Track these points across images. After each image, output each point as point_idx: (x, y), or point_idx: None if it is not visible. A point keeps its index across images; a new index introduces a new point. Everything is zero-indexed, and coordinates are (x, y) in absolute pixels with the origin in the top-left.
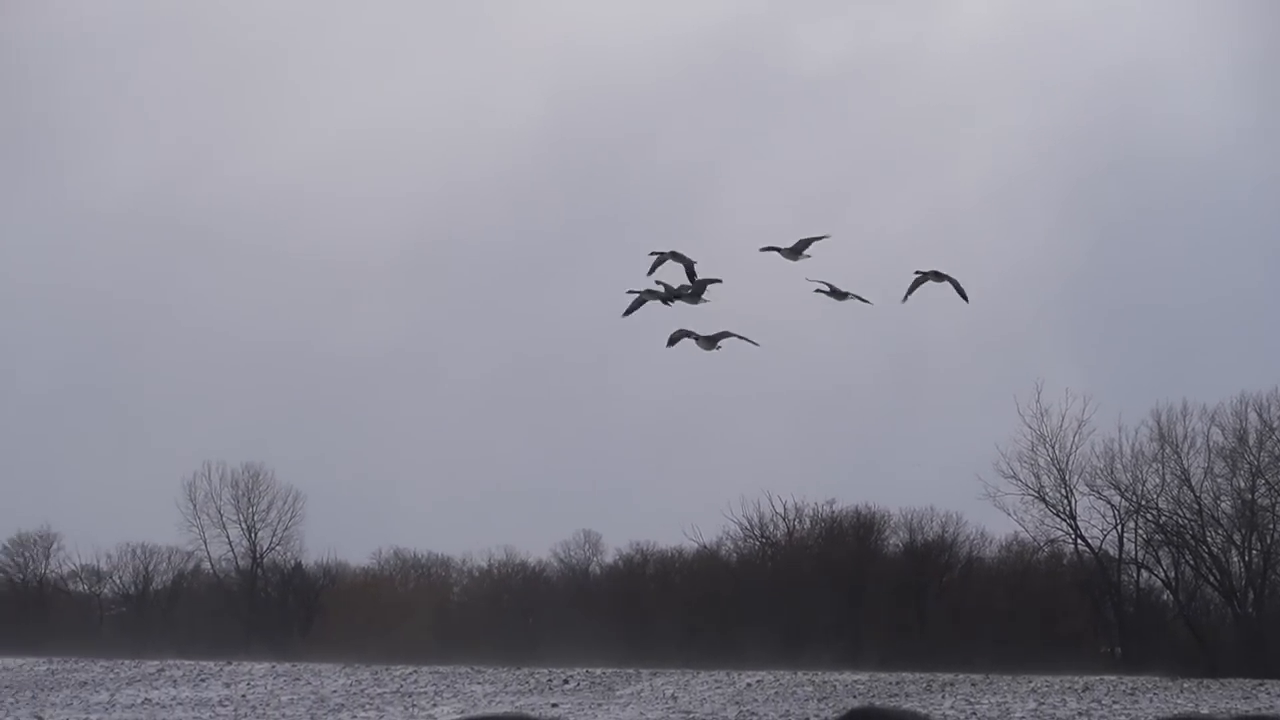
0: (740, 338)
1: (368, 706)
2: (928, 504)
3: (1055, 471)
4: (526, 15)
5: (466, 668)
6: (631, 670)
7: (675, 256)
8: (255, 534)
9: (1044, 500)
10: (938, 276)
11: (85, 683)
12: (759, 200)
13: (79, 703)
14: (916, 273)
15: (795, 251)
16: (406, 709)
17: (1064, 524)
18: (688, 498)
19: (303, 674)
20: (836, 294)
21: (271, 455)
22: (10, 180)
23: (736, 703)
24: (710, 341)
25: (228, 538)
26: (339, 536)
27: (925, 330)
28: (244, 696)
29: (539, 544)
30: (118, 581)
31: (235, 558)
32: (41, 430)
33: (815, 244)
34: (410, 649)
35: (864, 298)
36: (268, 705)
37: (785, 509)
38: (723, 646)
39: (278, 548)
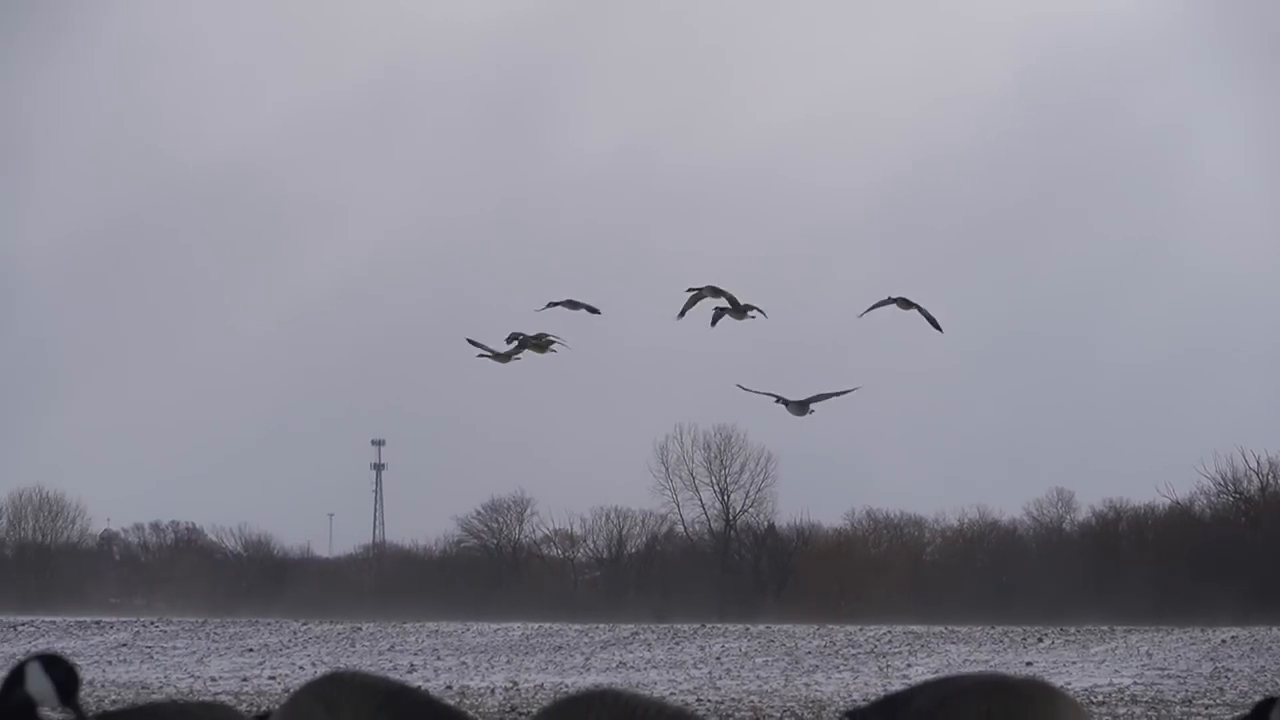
0: (835, 394)
1: (841, 668)
2: None
3: None
4: None
5: (940, 627)
6: (1105, 627)
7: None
8: (728, 496)
9: None
10: (905, 304)
11: (560, 647)
12: (1235, 159)
13: (554, 667)
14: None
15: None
16: (881, 669)
17: None
18: (1161, 454)
19: (776, 635)
20: (904, 303)
21: (744, 417)
22: (485, 148)
23: (1211, 659)
24: (802, 407)
25: (700, 500)
26: (811, 497)
27: None
28: (718, 659)
29: (1011, 502)
30: (591, 546)
31: (708, 520)
32: (516, 395)
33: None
34: (883, 609)
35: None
36: (742, 668)
37: (1259, 464)
38: (1196, 603)
39: (750, 510)
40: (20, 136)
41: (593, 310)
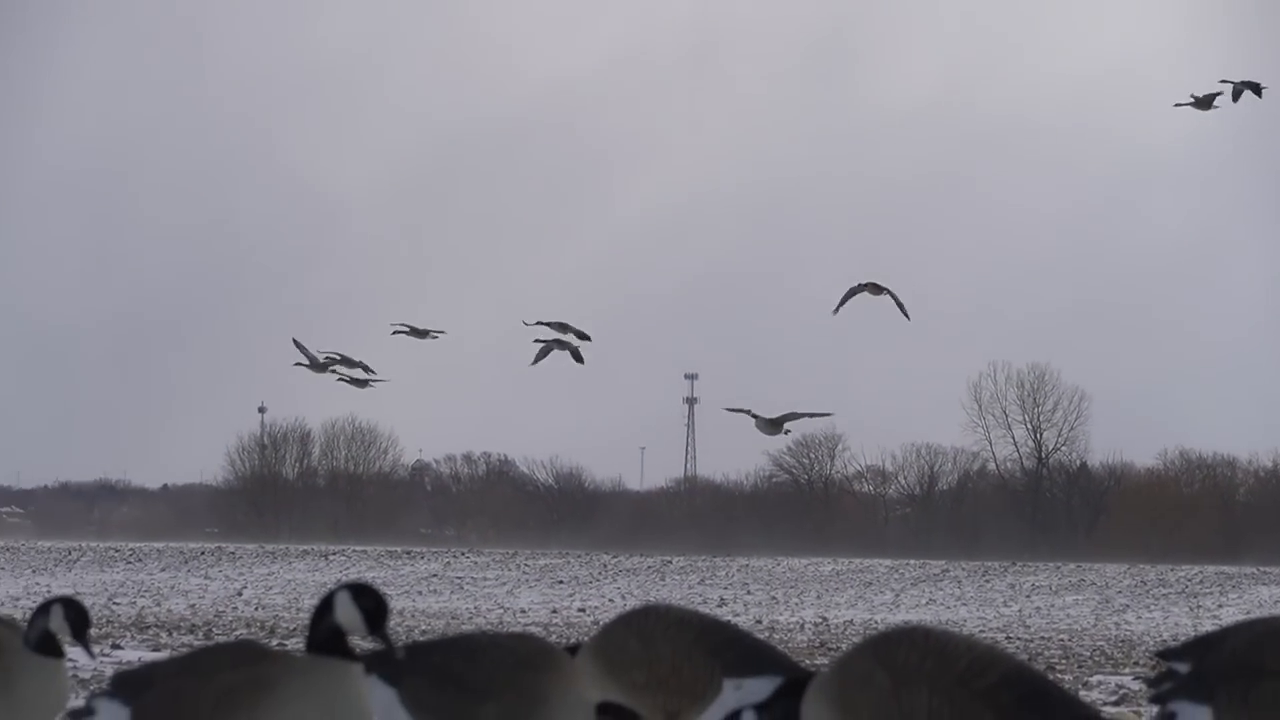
0: (808, 415)
1: (1152, 607)
2: None
3: None
4: None
5: (1252, 568)
6: None
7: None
8: (1040, 434)
9: None
10: (875, 289)
11: (870, 583)
12: None
13: (863, 603)
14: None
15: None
16: (1191, 609)
17: None
18: None
19: (1086, 574)
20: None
21: (1058, 355)
22: (801, 88)
23: None
24: (776, 425)
25: (1013, 438)
26: (1124, 437)
27: None
28: (1028, 597)
29: None
30: (902, 482)
31: (1020, 458)
32: (829, 331)
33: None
34: (1194, 549)
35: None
36: (1051, 606)
37: None
38: None
39: (1063, 448)
40: (341, 73)
41: (434, 336)
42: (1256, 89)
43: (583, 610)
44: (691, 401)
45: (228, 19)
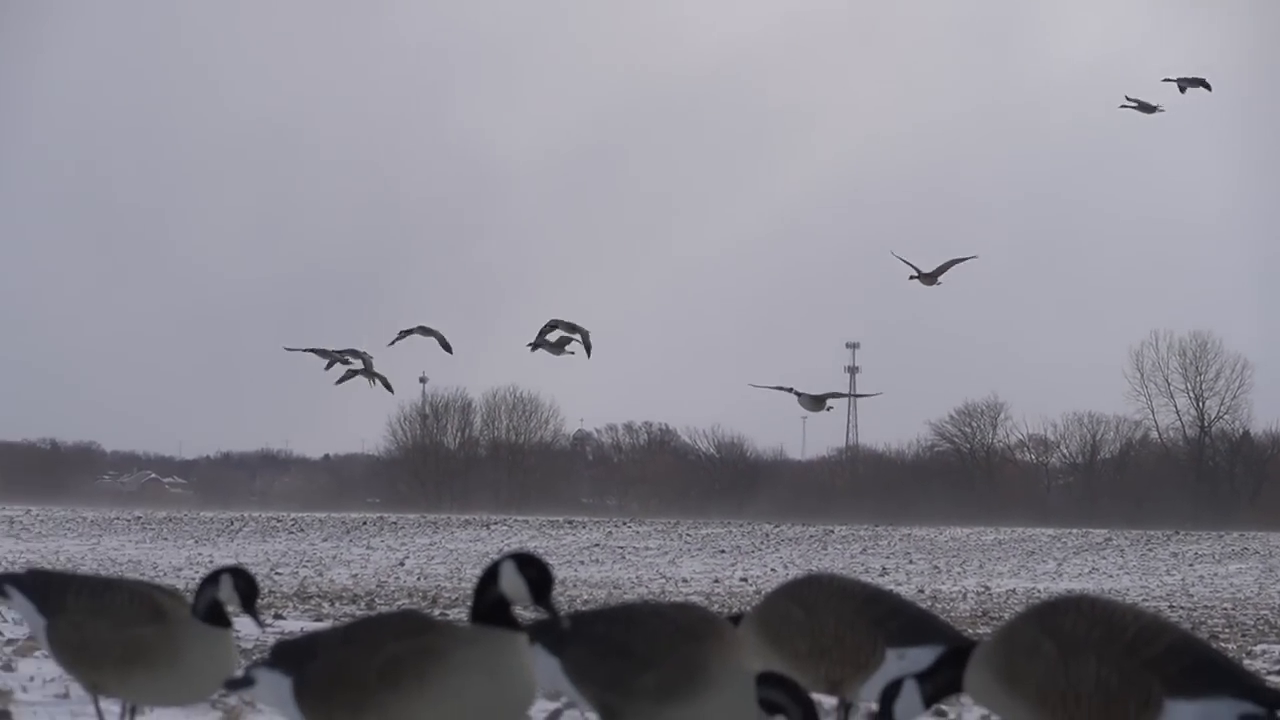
0: (849, 395)
1: None
2: None
3: None
4: None
5: None
6: None
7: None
8: (1203, 403)
9: None
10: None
11: (1032, 552)
12: None
13: (1025, 572)
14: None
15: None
16: None
17: None
18: None
19: (1250, 542)
20: (925, 277)
21: (1220, 323)
22: (965, 53)
23: None
24: (819, 401)
25: (1175, 407)
26: None
27: None
28: (1190, 565)
29: None
30: (1065, 451)
31: (1183, 427)
32: (990, 299)
33: None
34: None
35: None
36: (1215, 574)
37: None
38: None
39: (1225, 417)
40: (506, 45)
41: (444, 344)
42: (1206, 85)
43: (745, 580)
44: (853, 370)
45: None
